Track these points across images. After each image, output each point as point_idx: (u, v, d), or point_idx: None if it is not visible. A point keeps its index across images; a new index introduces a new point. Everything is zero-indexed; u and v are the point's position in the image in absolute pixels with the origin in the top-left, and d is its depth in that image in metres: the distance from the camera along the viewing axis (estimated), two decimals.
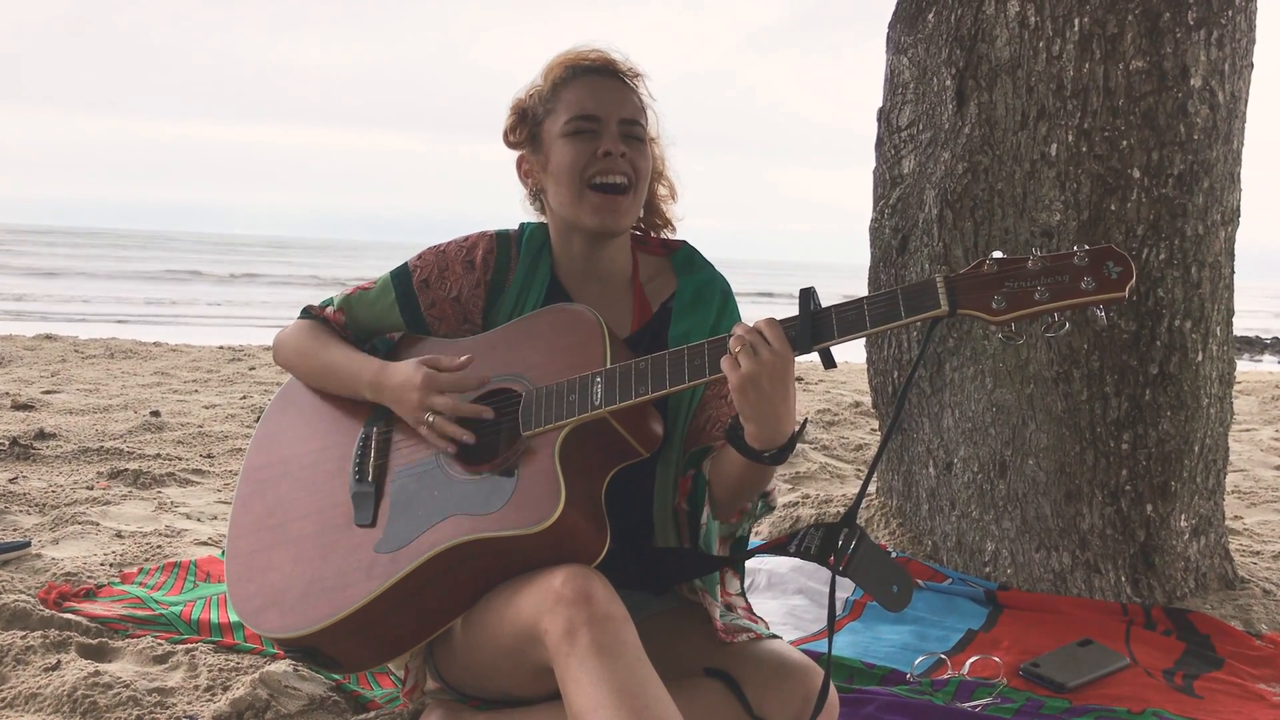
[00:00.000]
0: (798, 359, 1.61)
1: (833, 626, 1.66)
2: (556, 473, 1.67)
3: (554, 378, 1.76)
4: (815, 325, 1.59)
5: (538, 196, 2.01)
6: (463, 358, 1.85)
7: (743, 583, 1.98)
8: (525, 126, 1.95)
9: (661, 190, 2.04)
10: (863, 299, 1.58)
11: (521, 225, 2.03)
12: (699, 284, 1.97)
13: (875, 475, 3.39)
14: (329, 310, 2.04)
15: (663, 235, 2.07)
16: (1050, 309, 1.49)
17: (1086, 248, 1.48)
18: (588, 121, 1.87)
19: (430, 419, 1.79)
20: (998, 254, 1.53)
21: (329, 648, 1.82)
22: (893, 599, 1.58)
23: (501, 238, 2.00)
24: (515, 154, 2.00)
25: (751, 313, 1.75)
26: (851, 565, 1.59)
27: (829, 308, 1.60)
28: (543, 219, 2.03)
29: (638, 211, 1.94)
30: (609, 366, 1.72)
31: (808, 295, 1.63)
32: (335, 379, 1.97)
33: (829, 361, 1.61)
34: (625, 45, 1.98)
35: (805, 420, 1.76)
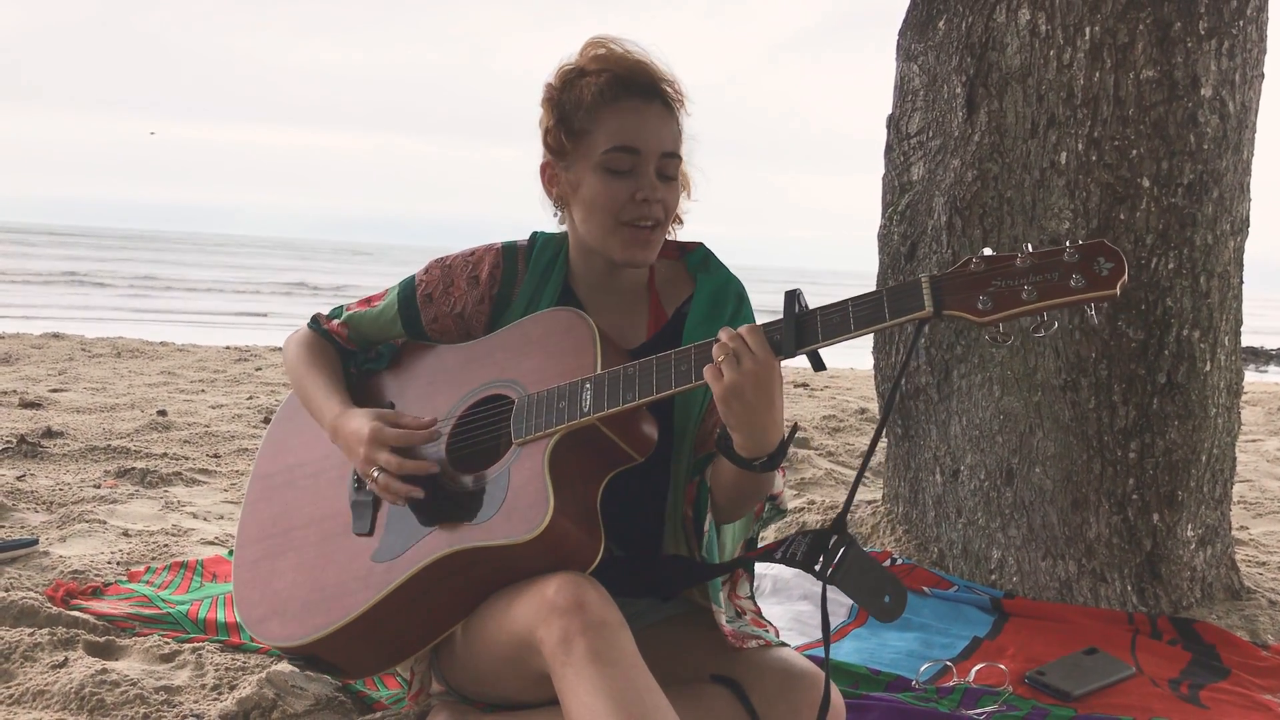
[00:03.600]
0: (794, 363, 1.59)
1: (827, 633, 1.62)
2: (545, 481, 1.67)
3: (546, 384, 1.76)
4: (799, 328, 1.56)
5: (560, 206, 1.94)
6: (425, 419, 1.85)
7: (751, 586, 1.98)
8: (563, 134, 1.85)
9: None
10: (847, 300, 1.54)
11: (533, 236, 1.99)
12: (715, 288, 1.95)
13: (881, 482, 3.40)
14: (334, 323, 2.05)
15: (673, 231, 2.02)
16: (1038, 308, 1.43)
17: (1079, 243, 1.43)
18: (627, 155, 1.80)
19: (375, 475, 1.79)
20: (987, 251, 1.49)
21: (330, 655, 1.83)
22: (884, 609, 1.53)
23: (508, 251, 1.97)
24: (540, 158, 1.92)
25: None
26: (839, 573, 1.54)
27: (814, 310, 1.57)
28: (560, 226, 1.99)
29: (662, 242, 1.90)
30: (598, 373, 1.71)
31: (793, 297, 1.59)
32: (309, 407, 2.00)
33: (818, 364, 1.58)
34: (658, 48, 1.89)
35: (795, 426, 1.74)
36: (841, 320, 1.54)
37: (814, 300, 1.61)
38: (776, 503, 1.84)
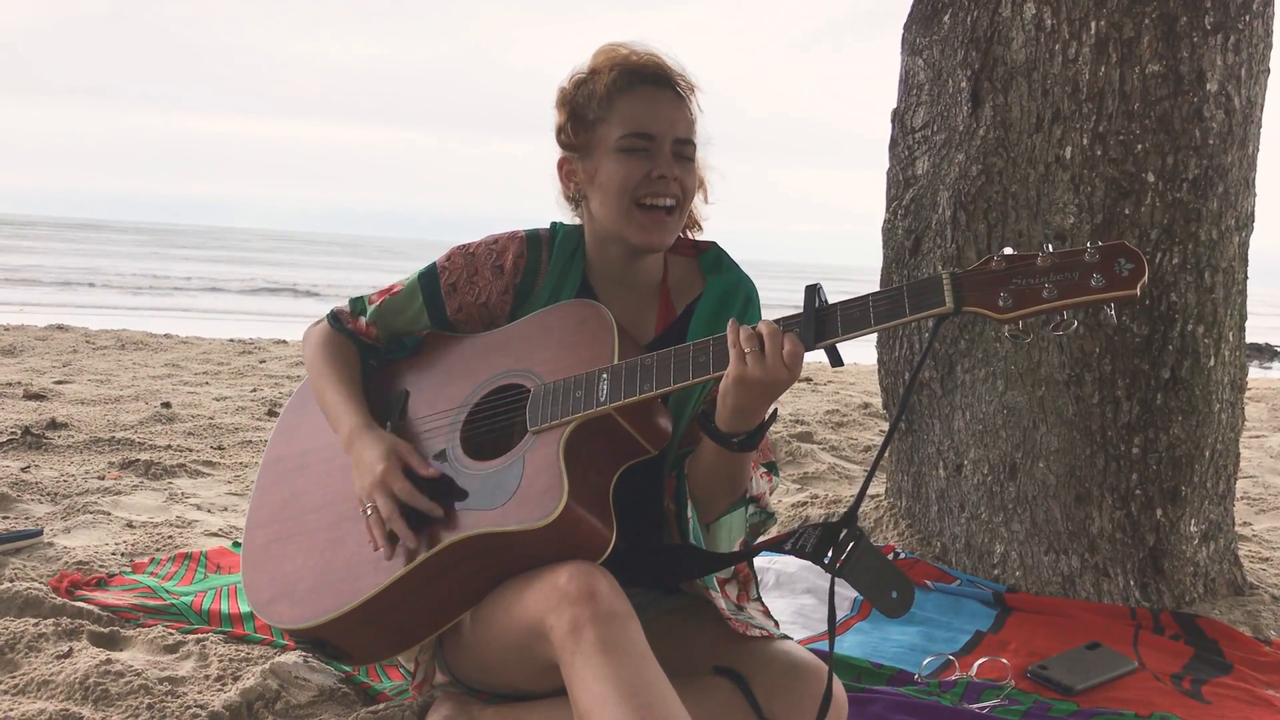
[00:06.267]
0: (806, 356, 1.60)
1: (833, 626, 1.63)
2: (560, 469, 1.67)
3: (563, 374, 1.77)
4: (820, 322, 1.57)
5: (577, 200, 1.96)
6: (431, 471, 1.81)
7: (757, 588, 1.99)
8: (577, 129, 1.90)
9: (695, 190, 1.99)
10: (868, 296, 1.56)
11: (553, 225, 2.00)
12: (724, 287, 1.96)
13: (884, 476, 3.41)
14: (361, 321, 2.03)
15: (692, 235, 2.04)
16: (1058, 307, 1.45)
17: (1099, 244, 1.45)
18: (643, 140, 1.84)
19: (368, 510, 1.79)
20: (1008, 250, 1.50)
21: (338, 639, 1.83)
22: (891, 604, 1.54)
23: (532, 240, 1.98)
24: (557, 154, 1.95)
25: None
26: (847, 567, 1.55)
27: (834, 305, 1.58)
28: (576, 220, 2.00)
29: (680, 228, 1.92)
30: (616, 363, 1.72)
31: (813, 292, 1.60)
32: (326, 410, 1.99)
33: (836, 359, 1.59)
34: (668, 46, 1.87)
35: (775, 409, 1.74)
36: (862, 315, 1.55)
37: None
38: (760, 505, 1.84)
